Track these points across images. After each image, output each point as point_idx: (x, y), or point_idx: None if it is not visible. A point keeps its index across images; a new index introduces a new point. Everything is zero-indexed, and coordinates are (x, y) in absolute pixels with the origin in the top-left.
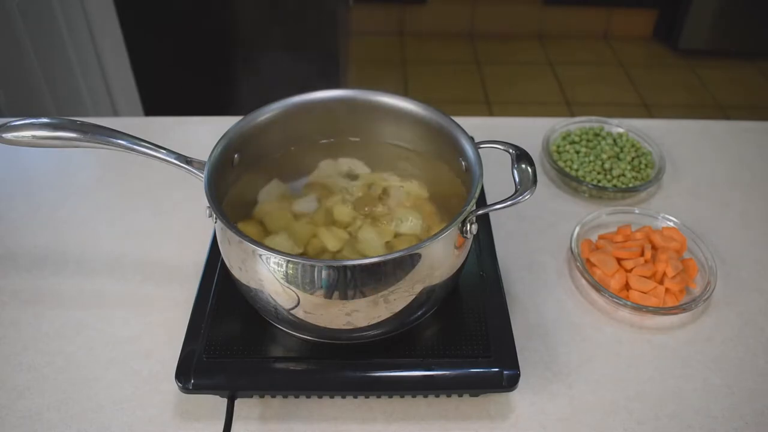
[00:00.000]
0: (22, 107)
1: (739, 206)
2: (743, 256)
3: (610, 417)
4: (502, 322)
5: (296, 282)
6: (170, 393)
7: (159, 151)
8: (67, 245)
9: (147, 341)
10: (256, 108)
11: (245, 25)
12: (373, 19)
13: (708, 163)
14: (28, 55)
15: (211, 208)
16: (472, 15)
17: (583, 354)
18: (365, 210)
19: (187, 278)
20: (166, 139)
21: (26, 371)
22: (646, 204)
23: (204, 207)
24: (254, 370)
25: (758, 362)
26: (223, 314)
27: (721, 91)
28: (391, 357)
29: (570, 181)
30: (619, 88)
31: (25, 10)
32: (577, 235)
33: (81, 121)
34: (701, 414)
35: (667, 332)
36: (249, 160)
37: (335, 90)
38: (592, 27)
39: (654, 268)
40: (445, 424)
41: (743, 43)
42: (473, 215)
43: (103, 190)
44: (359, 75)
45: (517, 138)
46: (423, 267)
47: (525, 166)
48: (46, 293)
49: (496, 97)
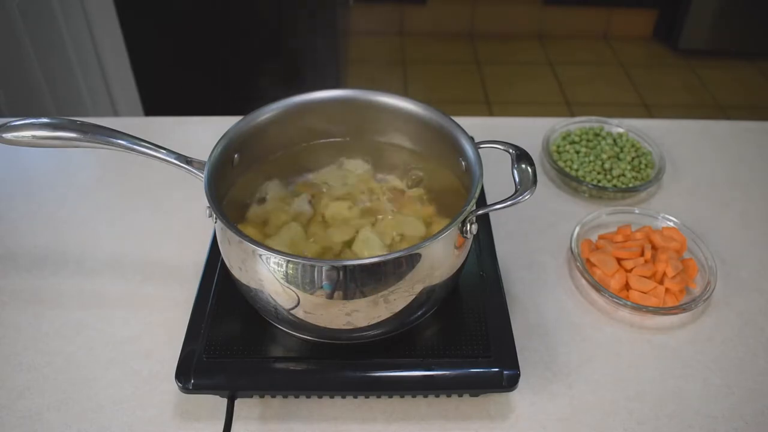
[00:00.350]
0: (22, 107)
1: (739, 206)
2: (743, 256)
3: (610, 417)
4: (502, 322)
5: (296, 282)
6: (170, 393)
7: (159, 151)
8: (67, 245)
9: (147, 341)
10: (256, 108)
11: (245, 25)
12: (373, 19)
13: (708, 163)
14: (28, 55)
15: (211, 208)
16: (472, 15)
17: (583, 354)
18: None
19: (187, 278)
20: (166, 139)
21: (26, 371)
22: (646, 204)
23: (204, 207)
24: (254, 370)
25: (758, 362)
26: (223, 314)
27: (721, 91)
28: (391, 357)
29: (570, 181)
30: (619, 88)
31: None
32: (577, 235)
33: (81, 121)
34: (701, 414)
35: (667, 332)
36: (249, 160)
37: (335, 90)
38: (592, 27)
39: (654, 268)
40: (445, 424)
41: (743, 43)
42: (473, 215)
43: (103, 190)
44: (359, 75)
45: (517, 138)
46: (423, 267)
47: (525, 166)
48: (46, 293)
49: (496, 97)
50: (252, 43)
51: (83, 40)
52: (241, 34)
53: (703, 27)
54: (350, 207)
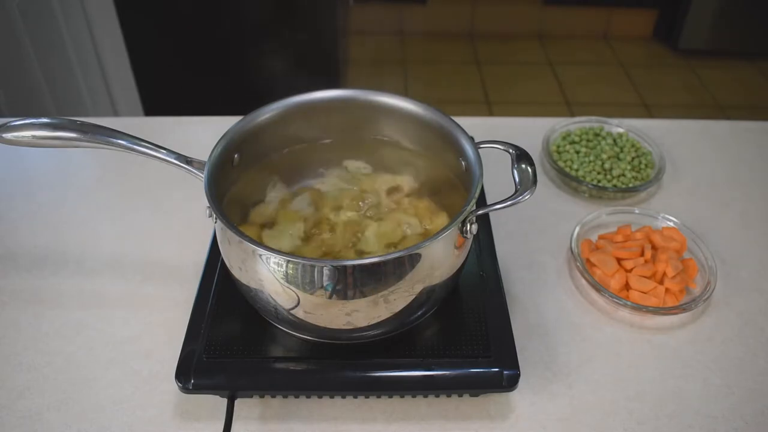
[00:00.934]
0: (22, 107)
1: (739, 206)
2: (743, 256)
3: (610, 417)
4: (502, 322)
5: (296, 282)
6: (170, 393)
7: (159, 151)
8: (67, 245)
9: (147, 341)
10: (256, 108)
11: (245, 25)
12: (373, 19)
13: (708, 163)
14: (28, 55)
15: (211, 208)
16: (472, 15)
17: (583, 354)
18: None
19: (187, 278)
20: (166, 139)
21: (26, 371)
22: (646, 204)
23: (204, 207)
24: (254, 370)
25: (758, 362)
26: (223, 314)
27: (721, 91)
28: (391, 357)
29: (570, 181)
30: (619, 88)
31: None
32: (577, 235)
33: (81, 121)
34: (701, 414)
35: (667, 332)
36: (249, 160)
37: (335, 90)
38: (592, 27)
39: (654, 268)
40: (445, 424)
41: (743, 43)
42: (473, 215)
43: (103, 190)
44: (359, 75)
45: (517, 138)
46: (423, 267)
47: (525, 166)
48: (46, 293)
49: (496, 97)
50: (252, 42)
51: (83, 40)
52: (241, 34)
53: (703, 27)
54: (350, 207)
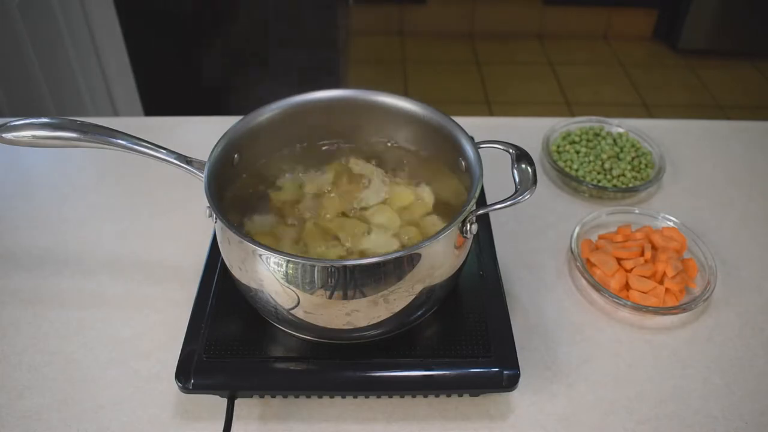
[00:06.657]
0: (22, 107)
1: (739, 206)
2: (743, 256)
3: (610, 417)
4: (502, 322)
5: (296, 282)
6: (170, 393)
7: (159, 151)
8: (67, 245)
9: (147, 341)
10: (256, 108)
11: (245, 25)
12: (373, 19)
13: (708, 163)
14: (28, 55)
15: (211, 208)
16: (472, 15)
17: (583, 354)
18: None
19: (187, 278)
20: (166, 139)
21: (26, 371)
22: (646, 204)
23: (204, 207)
24: (254, 370)
25: (758, 362)
26: (223, 314)
27: (721, 91)
28: (391, 357)
29: (570, 181)
30: (619, 88)
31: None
32: (577, 235)
33: (81, 121)
34: (701, 414)
35: (667, 332)
36: (249, 160)
37: (335, 90)
38: (592, 27)
39: (654, 268)
40: (445, 424)
41: (743, 43)
42: (473, 215)
43: (103, 190)
44: (359, 75)
45: (517, 138)
46: (423, 267)
47: (525, 166)
48: (46, 293)
49: (496, 97)
50: (252, 42)
51: (83, 40)
52: (242, 34)
53: (703, 27)
54: (351, 207)
